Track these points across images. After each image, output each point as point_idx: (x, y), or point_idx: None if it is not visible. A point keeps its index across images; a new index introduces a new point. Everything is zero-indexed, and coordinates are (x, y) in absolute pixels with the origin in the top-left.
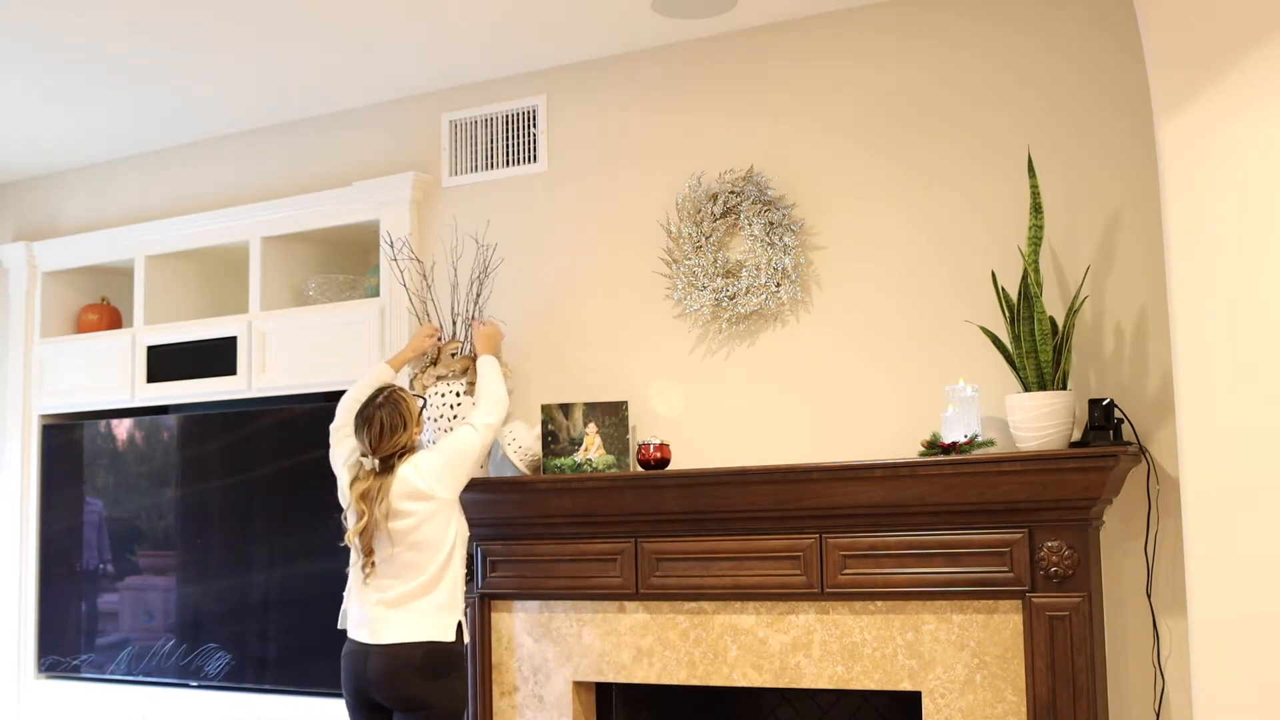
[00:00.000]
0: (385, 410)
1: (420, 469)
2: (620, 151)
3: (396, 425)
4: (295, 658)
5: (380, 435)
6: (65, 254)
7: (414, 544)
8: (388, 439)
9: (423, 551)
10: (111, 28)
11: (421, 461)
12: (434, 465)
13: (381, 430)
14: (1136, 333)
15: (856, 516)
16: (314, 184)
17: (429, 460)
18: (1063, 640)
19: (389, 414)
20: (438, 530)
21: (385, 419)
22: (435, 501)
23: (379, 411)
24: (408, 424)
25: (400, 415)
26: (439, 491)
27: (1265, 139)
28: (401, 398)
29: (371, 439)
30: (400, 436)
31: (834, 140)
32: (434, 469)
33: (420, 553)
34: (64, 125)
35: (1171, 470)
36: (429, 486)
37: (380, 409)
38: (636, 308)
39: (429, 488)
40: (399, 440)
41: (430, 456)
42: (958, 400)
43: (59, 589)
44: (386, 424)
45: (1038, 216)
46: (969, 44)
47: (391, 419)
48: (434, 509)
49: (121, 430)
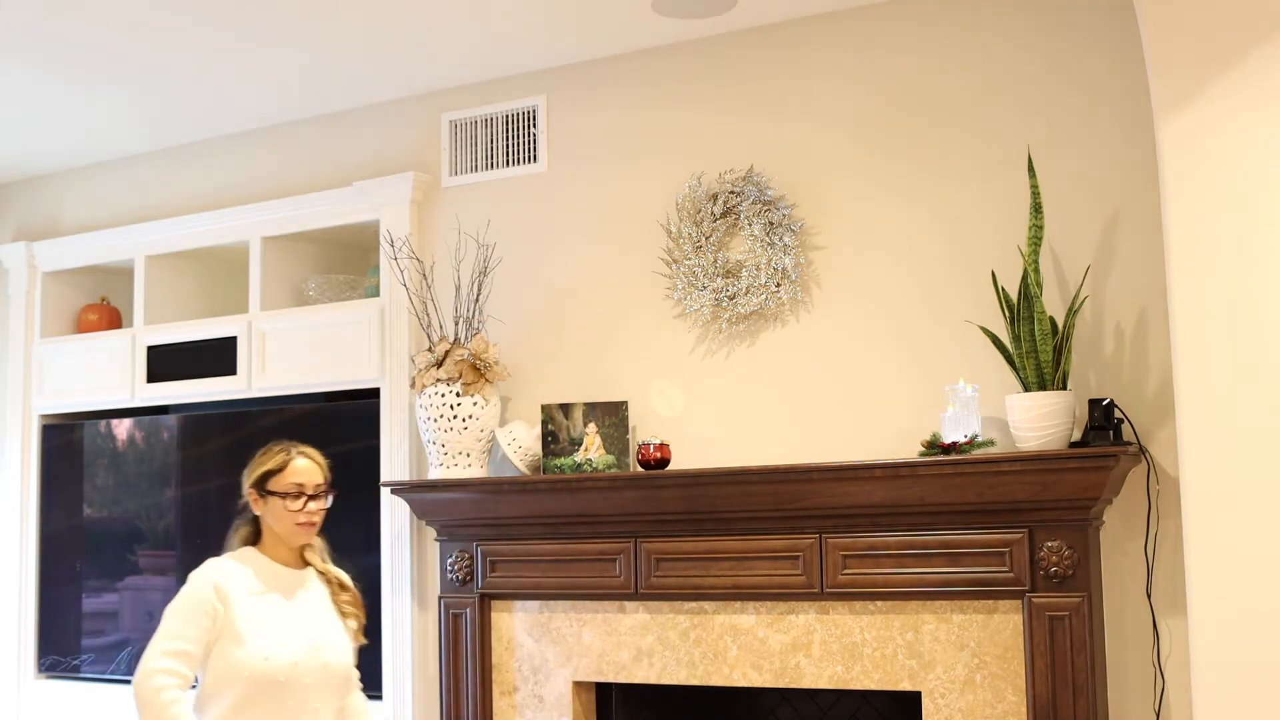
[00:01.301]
0: None
1: None
2: (620, 151)
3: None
4: None
5: None
6: (65, 254)
7: None
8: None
9: None
10: (111, 28)
11: None
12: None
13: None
14: (1136, 333)
15: (856, 516)
16: (314, 184)
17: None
18: (1063, 640)
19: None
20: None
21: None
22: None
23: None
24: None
25: None
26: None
27: (1265, 139)
28: None
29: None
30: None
31: (834, 140)
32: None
33: None
34: (64, 125)
35: (1171, 470)
36: None
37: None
38: (636, 308)
39: None
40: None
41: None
42: (958, 400)
43: (59, 589)
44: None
45: (1038, 216)
46: (969, 44)
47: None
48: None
49: (121, 430)
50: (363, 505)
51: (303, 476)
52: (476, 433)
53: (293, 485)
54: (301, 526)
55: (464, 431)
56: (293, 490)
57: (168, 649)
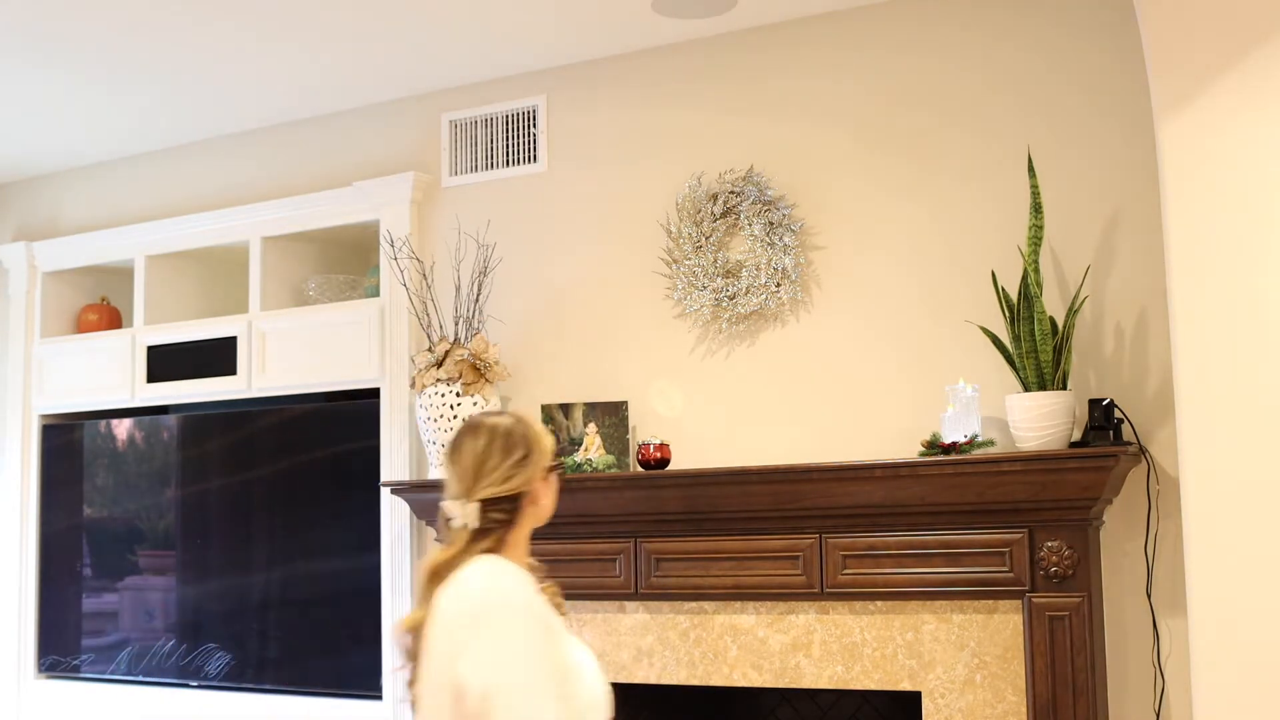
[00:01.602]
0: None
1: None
2: (620, 151)
3: (514, 442)
4: (295, 658)
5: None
6: (65, 254)
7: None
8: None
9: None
10: (111, 28)
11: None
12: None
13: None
14: (1136, 333)
15: (856, 516)
16: (314, 184)
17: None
18: (1063, 640)
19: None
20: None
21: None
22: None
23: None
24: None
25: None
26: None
27: (1265, 139)
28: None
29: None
30: (516, 461)
31: (834, 140)
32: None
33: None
34: (64, 125)
35: (1171, 470)
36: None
37: (490, 417)
38: (636, 308)
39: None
40: (511, 472)
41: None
42: (958, 400)
43: (59, 589)
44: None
45: (1038, 216)
46: (968, 44)
47: (508, 432)
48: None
49: (121, 430)
50: (363, 505)
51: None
52: None
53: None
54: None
55: None
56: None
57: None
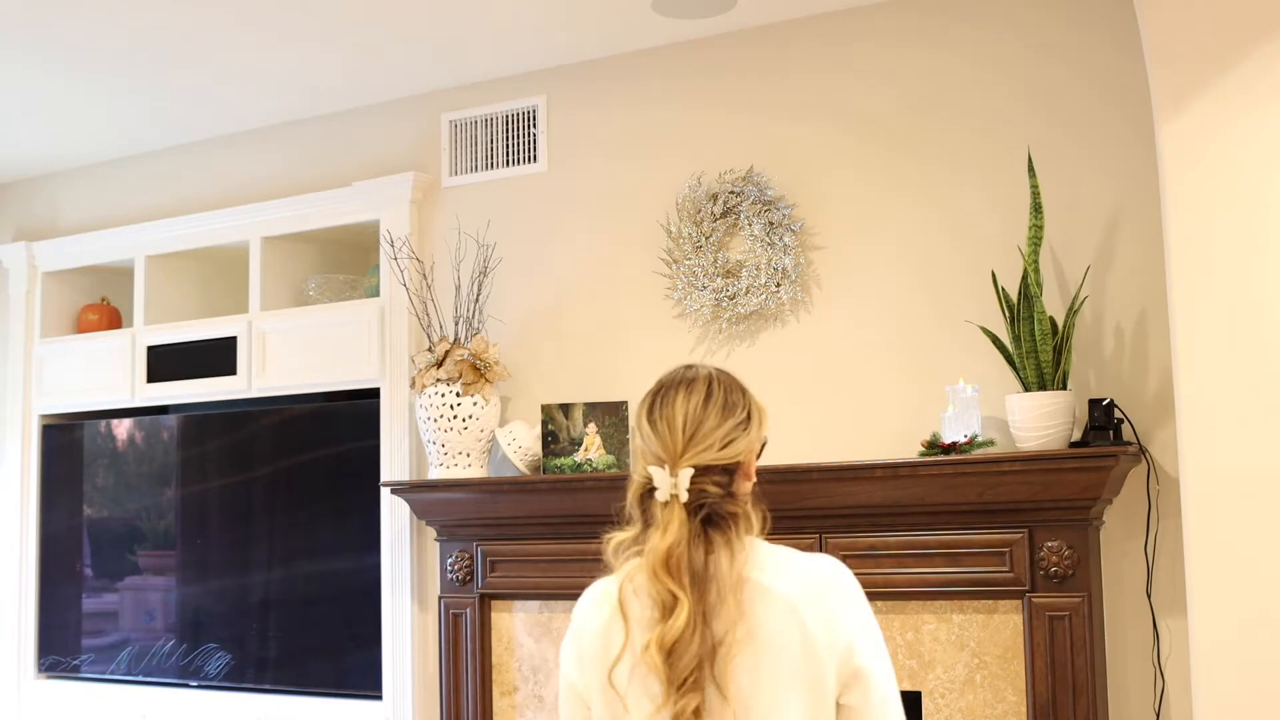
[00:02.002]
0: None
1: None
2: (620, 151)
3: (734, 401)
4: (295, 658)
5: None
6: (65, 254)
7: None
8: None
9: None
10: (111, 27)
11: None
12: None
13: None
14: (1136, 333)
15: (856, 516)
16: (314, 184)
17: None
18: (1063, 640)
19: (721, 378)
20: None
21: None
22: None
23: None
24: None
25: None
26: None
27: (1265, 139)
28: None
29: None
30: (737, 425)
31: (834, 140)
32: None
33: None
34: (64, 125)
35: (1171, 470)
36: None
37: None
38: (636, 308)
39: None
40: (732, 435)
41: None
42: (958, 400)
43: (59, 589)
44: (716, 391)
45: (1038, 216)
46: (969, 44)
47: (728, 387)
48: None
49: (121, 430)
50: (363, 505)
51: None
52: (476, 433)
53: None
54: None
55: (464, 431)
56: None
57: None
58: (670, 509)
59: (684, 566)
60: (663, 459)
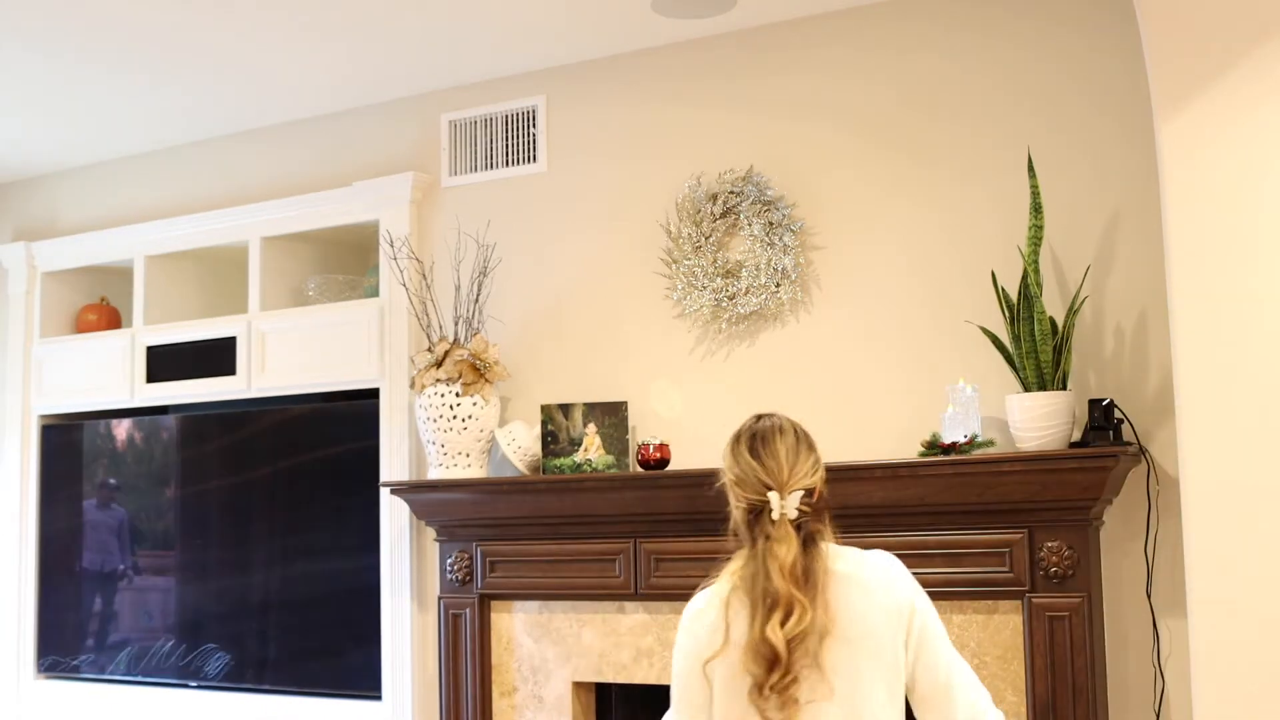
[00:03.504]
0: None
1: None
2: (620, 151)
3: (810, 439)
4: (295, 658)
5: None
6: (64, 254)
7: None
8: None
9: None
10: (111, 28)
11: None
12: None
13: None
14: (1136, 333)
15: (856, 516)
16: (314, 184)
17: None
18: (1063, 640)
19: (795, 424)
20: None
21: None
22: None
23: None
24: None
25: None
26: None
27: (1265, 138)
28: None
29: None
30: (817, 456)
31: (834, 140)
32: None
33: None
34: (64, 125)
35: (1171, 470)
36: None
37: (776, 418)
38: (636, 308)
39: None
40: (817, 464)
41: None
42: (958, 400)
43: (59, 589)
44: (800, 433)
45: (1038, 216)
46: (969, 44)
47: (802, 430)
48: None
49: (121, 430)
50: (363, 505)
51: None
52: (476, 433)
53: None
54: None
55: (463, 431)
56: None
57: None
58: (781, 525)
59: (800, 571)
60: (771, 486)
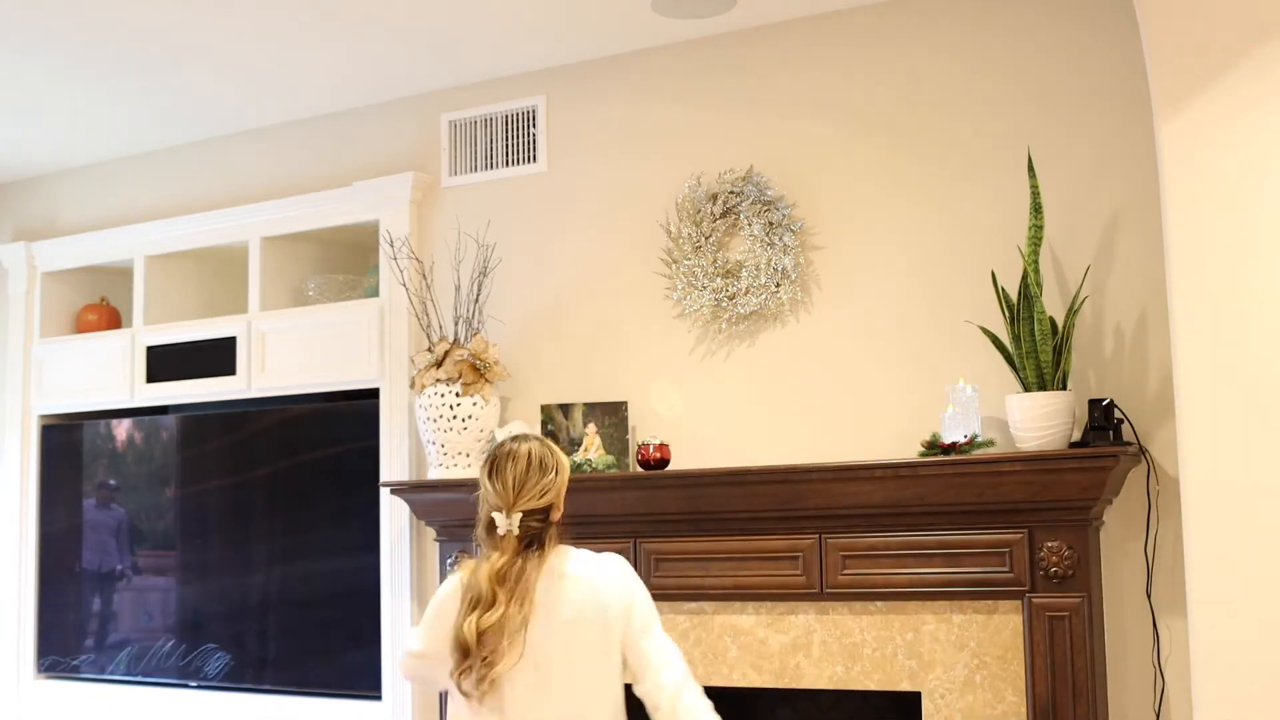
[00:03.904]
0: (530, 446)
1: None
2: (620, 151)
3: (546, 464)
4: (295, 658)
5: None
6: (64, 254)
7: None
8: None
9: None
10: (111, 28)
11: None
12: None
13: (527, 467)
14: (1136, 333)
15: (856, 516)
16: (314, 184)
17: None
18: (1063, 640)
19: (537, 450)
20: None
21: (533, 453)
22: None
23: (522, 445)
24: (558, 469)
25: (551, 454)
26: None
27: (1265, 138)
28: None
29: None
30: (550, 480)
31: (834, 140)
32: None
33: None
34: (64, 125)
35: (1171, 470)
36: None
37: (523, 443)
38: (636, 308)
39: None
40: (546, 487)
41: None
42: (958, 400)
43: (59, 589)
44: (534, 460)
45: (1038, 216)
46: (969, 44)
47: (541, 456)
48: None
49: (121, 430)
50: (363, 505)
51: None
52: (476, 433)
53: None
54: None
55: (463, 431)
56: None
57: None
58: (507, 538)
59: (509, 573)
60: (500, 507)
